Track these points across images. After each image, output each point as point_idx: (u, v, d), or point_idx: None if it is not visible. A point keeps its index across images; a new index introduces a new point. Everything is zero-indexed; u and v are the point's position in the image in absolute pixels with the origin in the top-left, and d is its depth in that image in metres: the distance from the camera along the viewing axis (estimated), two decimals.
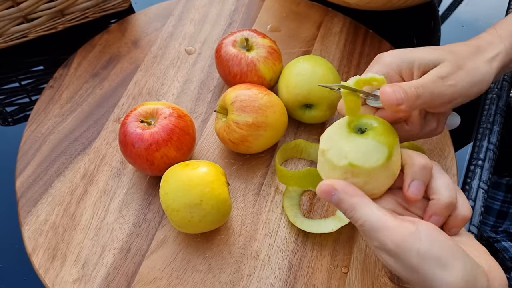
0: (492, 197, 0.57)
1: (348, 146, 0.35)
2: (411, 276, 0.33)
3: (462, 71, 0.39)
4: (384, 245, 0.33)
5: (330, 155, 0.36)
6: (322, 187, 0.35)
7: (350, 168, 0.35)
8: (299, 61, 0.53)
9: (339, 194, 0.35)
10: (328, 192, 0.35)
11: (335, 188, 0.35)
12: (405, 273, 0.33)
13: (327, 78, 0.51)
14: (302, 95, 0.51)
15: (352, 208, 0.34)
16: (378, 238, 0.33)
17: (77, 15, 0.62)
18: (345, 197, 0.35)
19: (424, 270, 0.32)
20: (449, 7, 0.71)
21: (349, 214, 0.35)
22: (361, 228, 0.34)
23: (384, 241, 0.33)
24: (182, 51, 0.61)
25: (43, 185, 0.51)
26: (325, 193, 0.35)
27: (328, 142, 0.37)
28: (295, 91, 0.51)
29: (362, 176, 0.35)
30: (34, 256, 0.47)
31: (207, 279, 0.46)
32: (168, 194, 0.44)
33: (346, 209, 0.35)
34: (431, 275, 0.31)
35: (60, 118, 0.56)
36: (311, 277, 0.46)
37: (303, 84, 0.51)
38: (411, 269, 0.32)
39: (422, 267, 0.32)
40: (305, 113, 0.53)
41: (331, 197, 0.35)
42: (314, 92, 0.50)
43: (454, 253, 0.32)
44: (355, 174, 0.35)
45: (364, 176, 0.35)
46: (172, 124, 0.47)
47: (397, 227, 0.33)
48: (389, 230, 0.33)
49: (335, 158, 0.35)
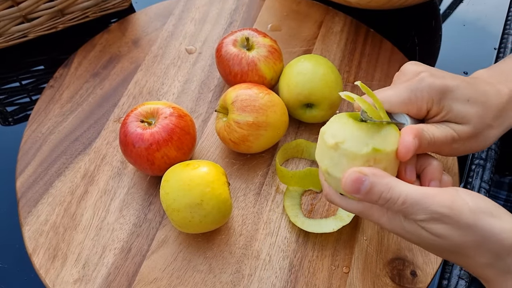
0: (495, 196, 0.56)
1: (365, 133, 0.35)
2: (466, 237, 0.32)
3: (474, 140, 0.39)
4: (434, 213, 0.32)
5: (348, 146, 0.35)
6: (351, 175, 0.34)
7: (373, 154, 0.34)
8: (300, 60, 0.53)
9: (370, 178, 0.34)
10: (358, 179, 0.34)
11: (365, 174, 0.34)
12: (460, 237, 0.32)
13: (328, 77, 0.51)
14: (303, 95, 0.51)
15: (388, 188, 0.33)
16: (425, 208, 0.32)
17: (77, 14, 0.62)
18: (377, 180, 0.33)
19: (481, 223, 0.32)
20: (450, 6, 0.70)
21: (386, 196, 0.33)
22: (403, 206, 0.33)
23: (434, 208, 0.32)
24: (183, 51, 0.61)
25: (44, 185, 0.51)
26: (354, 181, 0.34)
27: (340, 135, 0.35)
28: (296, 90, 0.51)
29: (384, 161, 0.35)
30: (34, 256, 0.47)
31: (208, 279, 0.46)
32: (169, 194, 0.44)
33: (382, 191, 0.33)
34: (488, 226, 0.32)
35: (61, 118, 0.55)
36: (312, 277, 0.46)
37: (304, 83, 0.50)
38: (467, 228, 0.32)
39: (478, 221, 0.32)
40: (306, 113, 0.53)
41: (361, 184, 0.34)
42: (315, 91, 0.50)
43: (496, 205, 0.33)
44: (378, 160, 0.34)
45: (385, 161, 0.35)
46: (172, 124, 0.47)
47: (440, 193, 0.33)
48: (435, 197, 0.32)
49: (356, 148, 0.34)
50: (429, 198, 0.33)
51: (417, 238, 0.35)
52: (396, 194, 0.33)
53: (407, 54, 0.62)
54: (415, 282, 0.46)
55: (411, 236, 0.35)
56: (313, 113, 0.52)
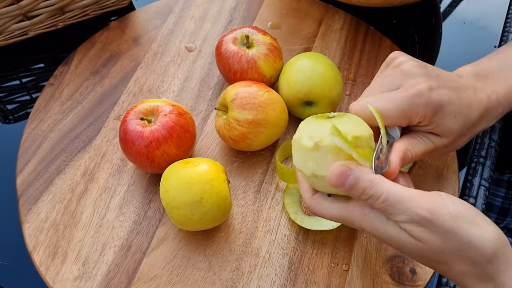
0: (494, 194, 0.56)
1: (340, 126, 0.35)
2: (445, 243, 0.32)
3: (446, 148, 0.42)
4: (414, 215, 0.32)
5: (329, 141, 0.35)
6: (336, 169, 0.34)
7: (355, 141, 0.35)
8: (300, 58, 0.53)
9: (355, 172, 0.34)
10: (343, 172, 0.34)
11: (350, 168, 0.34)
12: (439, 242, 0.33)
13: (327, 75, 0.51)
14: (302, 92, 0.51)
15: (371, 185, 0.34)
16: (406, 209, 0.33)
17: (77, 12, 0.62)
18: (362, 174, 0.34)
19: (460, 230, 0.32)
20: (451, 3, 0.70)
21: (368, 192, 0.34)
22: (384, 204, 0.33)
23: (414, 210, 0.32)
24: (183, 49, 0.61)
25: (44, 182, 0.51)
26: (340, 175, 0.34)
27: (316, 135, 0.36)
28: (295, 88, 0.51)
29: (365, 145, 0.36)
30: (34, 254, 0.47)
31: (207, 276, 0.46)
32: (169, 191, 0.44)
33: (365, 187, 0.34)
34: (467, 233, 0.32)
35: (61, 116, 0.56)
36: (312, 275, 0.46)
37: (303, 81, 0.50)
38: (446, 233, 0.32)
39: (458, 228, 0.32)
40: (305, 110, 0.53)
41: (347, 178, 0.34)
42: (314, 89, 0.50)
43: (477, 213, 0.33)
44: (360, 145, 0.35)
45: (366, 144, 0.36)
46: (172, 122, 0.47)
47: (422, 195, 0.33)
48: (416, 199, 0.33)
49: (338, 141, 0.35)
50: (411, 199, 0.33)
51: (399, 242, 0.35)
52: (378, 191, 0.33)
53: (407, 51, 0.61)
54: (415, 280, 0.46)
55: (393, 240, 0.35)
56: (313, 110, 0.52)
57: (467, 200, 0.50)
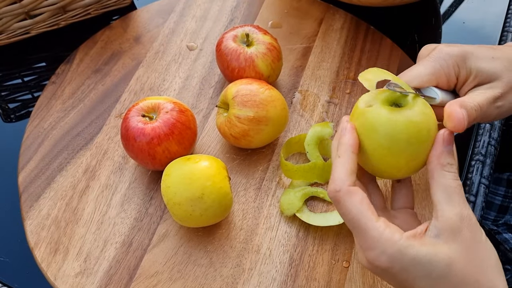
0: (493, 192, 0.57)
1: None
2: (392, 263, 0.33)
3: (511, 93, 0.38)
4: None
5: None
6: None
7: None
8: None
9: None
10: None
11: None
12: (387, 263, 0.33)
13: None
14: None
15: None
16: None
17: (79, 11, 0.63)
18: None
19: (407, 250, 0.32)
20: (451, 4, 0.71)
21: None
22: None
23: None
24: (184, 47, 0.62)
25: (46, 179, 0.51)
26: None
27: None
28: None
29: None
30: (36, 250, 0.47)
31: (208, 273, 0.46)
32: (170, 187, 0.44)
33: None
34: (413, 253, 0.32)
35: (63, 114, 0.56)
36: (312, 271, 0.46)
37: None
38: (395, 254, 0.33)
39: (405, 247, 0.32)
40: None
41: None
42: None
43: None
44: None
45: None
46: (173, 119, 0.47)
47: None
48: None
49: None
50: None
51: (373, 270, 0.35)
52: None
53: (407, 51, 0.62)
54: None
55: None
56: None
57: (467, 198, 0.50)
